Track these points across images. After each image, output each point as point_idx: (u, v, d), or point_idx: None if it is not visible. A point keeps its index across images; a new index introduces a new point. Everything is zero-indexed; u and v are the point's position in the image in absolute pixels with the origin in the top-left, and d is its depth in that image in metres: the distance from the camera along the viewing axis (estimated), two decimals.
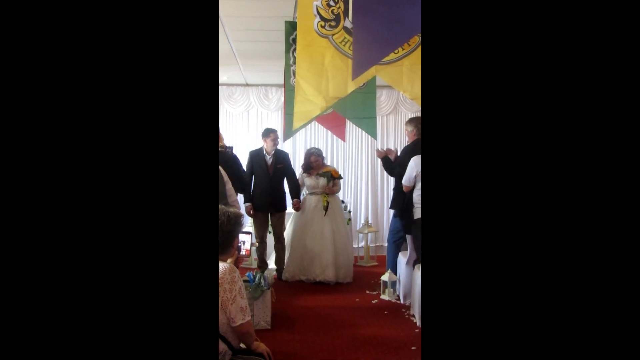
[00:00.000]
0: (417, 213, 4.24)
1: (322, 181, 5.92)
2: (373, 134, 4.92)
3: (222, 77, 7.15)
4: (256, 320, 4.26)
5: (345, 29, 2.77)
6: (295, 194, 6.01)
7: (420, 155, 4.19)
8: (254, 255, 6.15)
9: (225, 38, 5.23)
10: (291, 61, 4.39)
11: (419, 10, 1.92)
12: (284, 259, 6.04)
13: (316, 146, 7.02)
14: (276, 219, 5.99)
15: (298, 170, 6.23)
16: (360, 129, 6.47)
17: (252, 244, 3.64)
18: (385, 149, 5.09)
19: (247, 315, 2.51)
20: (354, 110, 4.55)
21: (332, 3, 2.75)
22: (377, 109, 5.81)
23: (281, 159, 5.97)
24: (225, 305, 2.35)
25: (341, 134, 5.76)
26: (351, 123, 5.61)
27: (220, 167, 3.85)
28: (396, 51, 2.76)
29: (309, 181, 6.03)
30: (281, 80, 6.84)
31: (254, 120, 7.79)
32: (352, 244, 6.33)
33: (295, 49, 4.38)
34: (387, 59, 2.75)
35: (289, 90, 4.41)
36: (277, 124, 7.24)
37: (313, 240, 5.86)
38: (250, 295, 4.22)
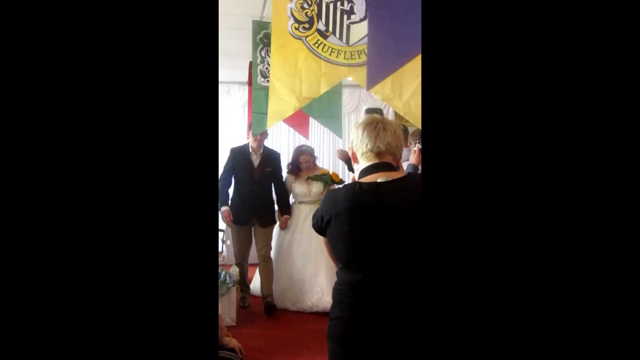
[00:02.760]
0: None
1: (316, 187, 4.84)
2: (338, 133, 5.00)
3: None
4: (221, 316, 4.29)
5: (318, 31, 2.84)
6: (285, 207, 4.87)
7: None
8: (224, 253, 6.08)
9: None
10: (258, 60, 4.43)
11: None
12: (271, 283, 4.75)
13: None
14: (261, 235, 4.74)
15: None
16: (323, 128, 6.54)
17: (222, 241, 3.68)
18: (342, 150, 5.15)
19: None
20: (320, 109, 4.61)
21: (305, 6, 2.81)
22: None
23: (270, 160, 4.81)
24: None
25: (305, 132, 5.79)
26: (314, 121, 5.66)
27: None
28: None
29: (298, 187, 4.89)
30: (243, 78, 6.85)
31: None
32: None
33: (262, 49, 4.44)
34: (359, 61, 2.84)
35: (257, 89, 4.44)
36: (241, 121, 7.25)
37: (304, 261, 4.73)
38: None
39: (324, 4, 2.81)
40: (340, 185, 4.50)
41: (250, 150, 4.77)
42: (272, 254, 4.84)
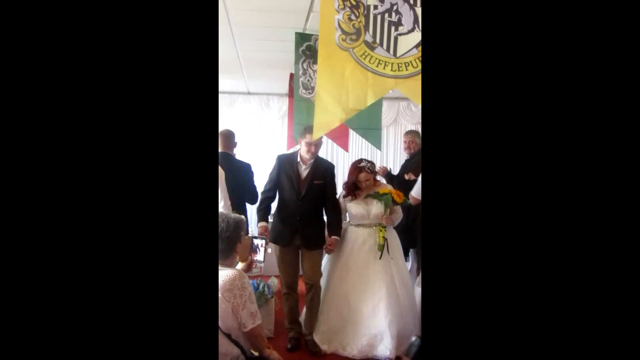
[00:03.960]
0: None
1: (376, 207, 3.96)
2: (378, 146, 4.98)
3: (224, 85, 7.14)
4: None
5: (365, 42, 2.83)
6: (335, 228, 3.99)
7: None
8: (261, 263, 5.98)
9: (233, 46, 5.28)
10: (300, 72, 4.45)
11: None
12: (316, 316, 3.96)
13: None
14: (307, 259, 3.98)
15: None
16: (362, 140, 6.52)
17: (265, 249, 3.59)
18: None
19: (258, 319, 2.54)
20: (360, 120, 4.58)
21: (353, 17, 2.81)
22: None
23: (321, 172, 4.01)
24: (236, 310, 2.38)
25: (344, 145, 5.79)
26: (354, 133, 5.64)
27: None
28: (415, 65, 2.83)
29: (355, 208, 4.04)
30: (283, 90, 6.91)
31: (254, 129, 7.81)
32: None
33: (304, 60, 4.46)
34: (406, 72, 2.82)
35: (298, 100, 4.47)
36: (280, 133, 7.28)
37: (360, 296, 3.82)
38: None
39: (372, 16, 2.81)
40: (402, 206, 4.07)
41: (299, 159, 3.99)
42: (322, 283, 4.02)
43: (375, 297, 3.79)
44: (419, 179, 4.27)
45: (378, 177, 4.38)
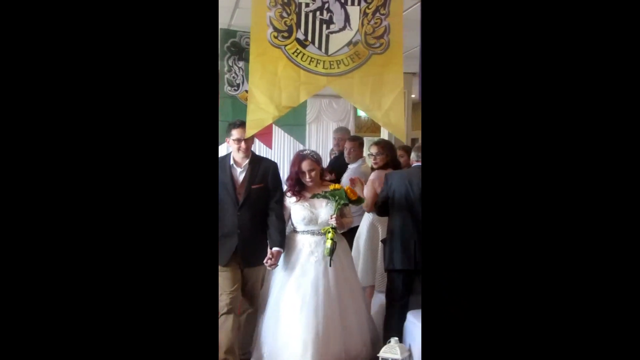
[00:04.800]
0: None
1: (326, 211, 3.23)
2: (302, 141, 5.01)
3: None
4: None
5: (297, 40, 2.84)
6: (276, 237, 3.24)
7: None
8: None
9: None
10: (225, 69, 4.40)
11: None
12: (250, 342, 3.33)
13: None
14: (249, 276, 3.35)
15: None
16: (285, 137, 6.53)
17: None
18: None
19: None
20: (285, 117, 4.58)
21: (284, 14, 2.82)
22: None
23: (260, 173, 3.31)
24: None
25: (268, 142, 5.75)
26: (278, 131, 5.65)
27: None
28: (347, 63, 2.87)
29: (299, 211, 3.26)
30: None
31: None
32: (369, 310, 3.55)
33: (230, 57, 4.41)
34: (338, 70, 2.86)
35: (223, 97, 4.42)
36: None
37: (304, 317, 3.10)
38: None
39: (303, 13, 2.83)
40: (361, 205, 3.53)
41: (232, 162, 3.29)
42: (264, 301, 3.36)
43: (324, 320, 3.11)
44: (343, 179, 4.31)
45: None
